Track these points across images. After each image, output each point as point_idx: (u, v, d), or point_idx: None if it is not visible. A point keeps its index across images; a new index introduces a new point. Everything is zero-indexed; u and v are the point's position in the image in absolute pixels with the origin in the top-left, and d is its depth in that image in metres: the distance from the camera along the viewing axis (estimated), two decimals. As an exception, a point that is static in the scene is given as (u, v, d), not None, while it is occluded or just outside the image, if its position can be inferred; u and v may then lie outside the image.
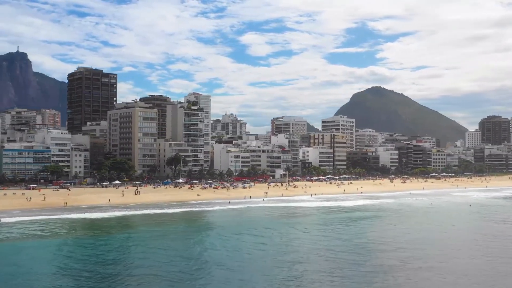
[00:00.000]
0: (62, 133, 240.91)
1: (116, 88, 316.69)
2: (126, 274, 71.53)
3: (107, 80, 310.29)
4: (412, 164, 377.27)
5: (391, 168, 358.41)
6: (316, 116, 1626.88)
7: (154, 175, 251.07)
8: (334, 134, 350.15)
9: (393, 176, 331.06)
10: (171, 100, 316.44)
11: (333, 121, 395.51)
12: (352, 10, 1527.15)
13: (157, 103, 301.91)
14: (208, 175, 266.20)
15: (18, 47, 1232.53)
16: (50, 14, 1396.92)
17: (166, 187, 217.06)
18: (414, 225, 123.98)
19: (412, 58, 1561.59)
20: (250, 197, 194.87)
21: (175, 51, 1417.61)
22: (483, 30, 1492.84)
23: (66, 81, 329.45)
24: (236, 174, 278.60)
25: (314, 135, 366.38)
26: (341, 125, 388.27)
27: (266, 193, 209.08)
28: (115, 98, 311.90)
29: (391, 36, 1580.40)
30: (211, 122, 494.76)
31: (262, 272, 72.52)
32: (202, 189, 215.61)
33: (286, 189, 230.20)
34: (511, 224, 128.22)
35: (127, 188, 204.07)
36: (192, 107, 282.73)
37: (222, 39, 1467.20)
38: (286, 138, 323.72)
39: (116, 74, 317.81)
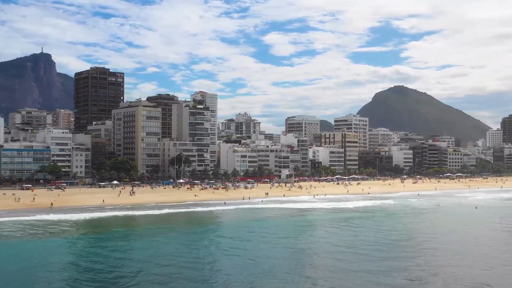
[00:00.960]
0: (62, 132, 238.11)
1: (123, 87, 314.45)
2: (65, 278, 67.92)
3: (114, 79, 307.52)
4: (427, 164, 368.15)
5: (405, 168, 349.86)
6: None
7: (157, 175, 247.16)
8: (345, 134, 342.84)
9: (405, 176, 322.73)
10: (178, 99, 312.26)
11: (346, 120, 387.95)
12: (376, 8, 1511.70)
13: (164, 102, 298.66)
14: (213, 175, 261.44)
15: (42, 48, 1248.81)
16: (75, 16, 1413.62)
17: (165, 188, 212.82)
18: (400, 227, 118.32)
19: (437, 57, 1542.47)
20: (249, 198, 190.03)
21: (198, 52, 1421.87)
22: (510, 28, 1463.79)
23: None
24: (242, 174, 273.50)
25: (325, 134, 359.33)
26: (354, 124, 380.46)
27: (267, 193, 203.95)
28: (122, 97, 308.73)
29: (416, 35, 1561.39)
30: (225, 121, 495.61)
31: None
32: (202, 189, 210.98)
33: (289, 189, 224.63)
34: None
35: (124, 188, 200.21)
36: (198, 106, 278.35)
37: (245, 39, 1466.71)
38: (296, 137, 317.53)
39: (123, 73, 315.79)
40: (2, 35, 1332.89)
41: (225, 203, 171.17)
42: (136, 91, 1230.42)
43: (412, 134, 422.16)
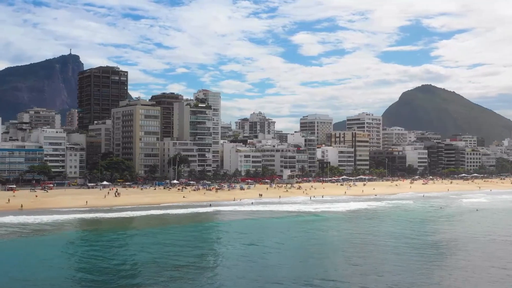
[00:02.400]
0: (56, 132, 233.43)
1: (127, 86, 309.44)
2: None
3: (117, 78, 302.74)
4: (443, 164, 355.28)
5: (419, 168, 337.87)
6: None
7: (154, 175, 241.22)
8: (355, 133, 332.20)
9: (417, 177, 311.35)
10: (184, 98, 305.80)
11: (358, 119, 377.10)
12: (405, 7, 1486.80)
13: (168, 101, 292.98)
14: (213, 175, 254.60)
15: (70, 49, 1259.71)
16: (105, 18, 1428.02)
17: (155, 189, 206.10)
18: (347, 230, 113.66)
19: (468, 55, 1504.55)
20: (240, 199, 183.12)
21: (227, 52, 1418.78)
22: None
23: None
24: (243, 174, 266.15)
25: (335, 133, 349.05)
26: (367, 123, 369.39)
27: (261, 195, 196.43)
28: (126, 96, 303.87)
29: (447, 34, 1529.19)
30: (239, 121, 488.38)
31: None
32: (194, 190, 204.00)
33: (287, 190, 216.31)
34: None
35: (112, 189, 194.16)
36: (199, 105, 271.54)
37: (274, 39, 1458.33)
38: (303, 136, 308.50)
39: (126, 72, 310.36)
40: (34, 37, 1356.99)
41: (210, 204, 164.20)
42: (165, 91, 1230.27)
43: (429, 133, 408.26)
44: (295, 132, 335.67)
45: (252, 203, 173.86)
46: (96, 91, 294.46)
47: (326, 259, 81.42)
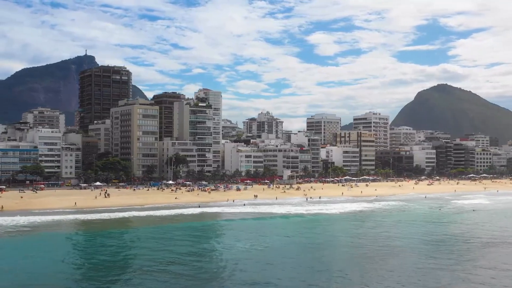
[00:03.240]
0: (52, 131, 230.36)
1: (128, 85, 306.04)
2: None
3: (119, 77, 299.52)
4: (452, 164, 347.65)
5: (426, 168, 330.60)
6: (385, 115, 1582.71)
7: (152, 175, 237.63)
8: (360, 132, 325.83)
9: (422, 177, 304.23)
10: (186, 97, 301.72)
11: (365, 119, 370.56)
12: (422, 6, 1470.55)
13: (170, 100, 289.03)
14: (212, 175, 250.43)
15: (86, 50, 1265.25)
16: (122, 19, 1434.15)
17: (148, 190, 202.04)
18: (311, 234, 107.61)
19: (486, 54, 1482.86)
20: (233, 200, 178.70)
21: (243, 52, 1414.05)
22: None
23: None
24: (243, 175, 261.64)
25: (340, 133, 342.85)
26: (373, 122, 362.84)
27: (256, 196, 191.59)
28: (127, 95, 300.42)
29: (464, 33, 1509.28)
30: (247, 120, 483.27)
31: None
32: (188, 191, 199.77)
33: (284, 191, 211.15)
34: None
35: (104, 190, 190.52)
36: (199, 104, 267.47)
37: (289, 39, 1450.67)
38: (306, 136, 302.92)
39: (128, 70, 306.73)
40: (52, 39, 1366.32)
41: (199, 206, 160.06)
42: (181, 92, 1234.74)
43: (439, 132, 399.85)
44: (299, 131, 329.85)
45: (244, 204, 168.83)
46: (97, 90, 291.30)
47: (277, 264, 76.83)
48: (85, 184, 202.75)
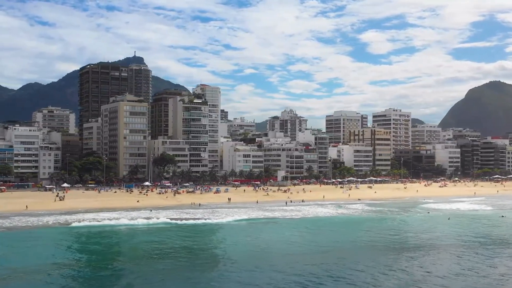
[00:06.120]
0: (30, 130, 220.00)
1: (128, 82, 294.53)
2: None
3: (117, 74, 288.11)
4: (480, 164, 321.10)
5: (449, 169, 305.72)
6: (440, 114, 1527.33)
7: (136, 176, 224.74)
8: (374, 130, 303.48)
9: (440, 178, 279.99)
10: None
11: (384, 116, 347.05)
12: (478, 2, 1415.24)
13: (170, 97, 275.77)
14: (202, 176, 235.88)
15: (135, 51, 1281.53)
16: (175, 20, 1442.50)
17: (115, 192, 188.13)
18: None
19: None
20: (199, 204, 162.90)
21: (295, 52, 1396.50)
22: None
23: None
24: (238, 175, 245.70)
25: (354, 131, 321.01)
26: (393, 119, 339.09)
27: (230, 199, 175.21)
28: (126, 93, 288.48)
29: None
30: (269, 119, 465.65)
31: None
32: (159, 193, 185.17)
33: (267, 194, 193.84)
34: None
35: (66, 191, 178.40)
36: (194, 100, 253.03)
37: (342, 38, 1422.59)
38: (313, 134, 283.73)
39: (127, 67, 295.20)
40: (107, 41, 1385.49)
41: (151, 210, 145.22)
42: (234, 92, 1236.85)
43: (467, 130, 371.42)
44: (306, 129, 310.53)
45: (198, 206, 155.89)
46: (95, 87, 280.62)
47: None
48: (50, 186, 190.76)
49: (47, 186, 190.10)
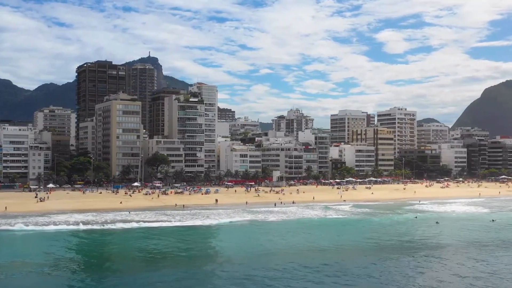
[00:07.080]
0: (20, 129, 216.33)
1: (125, 81, 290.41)
2: None
3: (115, 73, 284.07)
4: (487, 164, 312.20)
5: (455, 169, 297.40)
6: (457, 114, 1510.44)
7: (127, 176, 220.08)
8: (377, 129, 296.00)
9: (444, 179, 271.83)
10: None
11: (389, 114, 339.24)
12: (496, 1, 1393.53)
13: (167, 96, 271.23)
14: (195, 177, 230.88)
15: (149, 52, 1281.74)
16: (191, 21, 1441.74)
17: (101, 193, 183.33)
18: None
19: None
20: (183, 206, 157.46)
21: (311, 52, 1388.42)
22: None
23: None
24: (234, 175, 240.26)
25: (356, 130, 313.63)
26: (398, 118, 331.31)
27: (217, 200, 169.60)
28: (123, 91, 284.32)
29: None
30: (275, 118, 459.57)
31: None
32: (146, 194, 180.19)
33: (258, 195, 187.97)
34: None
35: (50, 192, 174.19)
36: (190, 99, 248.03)
37: (358, 37, 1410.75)
38: (313, 134, 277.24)
39: (125, 66, 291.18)
40: (124, 42, 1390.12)
41: (129, 212, 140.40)
42: (249, 92, 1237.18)
43: (476, 129, 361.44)
44: (306, 128, 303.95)
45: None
46: (92, 86, 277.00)
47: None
48: (35, 186, 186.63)
49: (31, 187, 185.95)
